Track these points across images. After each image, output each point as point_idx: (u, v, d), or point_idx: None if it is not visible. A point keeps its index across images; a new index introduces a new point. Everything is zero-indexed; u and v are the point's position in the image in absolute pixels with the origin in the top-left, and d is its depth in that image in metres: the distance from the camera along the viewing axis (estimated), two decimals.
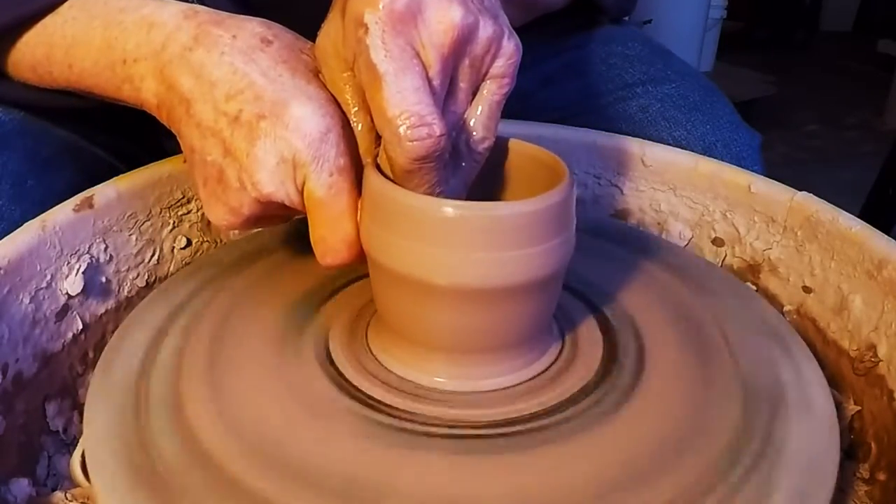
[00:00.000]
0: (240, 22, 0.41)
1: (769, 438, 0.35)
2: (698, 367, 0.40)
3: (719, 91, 0.70)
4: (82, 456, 0.35)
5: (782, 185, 0.52)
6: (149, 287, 0.50)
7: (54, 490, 0.38)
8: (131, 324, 0.42)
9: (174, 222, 0.52)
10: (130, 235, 0.49)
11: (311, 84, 0.38)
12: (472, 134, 0.38)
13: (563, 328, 0.41)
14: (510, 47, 0.37)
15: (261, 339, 0.41)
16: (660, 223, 0.58)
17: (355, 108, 0.38)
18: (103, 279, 0.47)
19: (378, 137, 0.37)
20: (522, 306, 0.36)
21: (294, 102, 0.37)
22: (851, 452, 0.42)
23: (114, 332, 0.43)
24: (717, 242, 0.55)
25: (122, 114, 0.49)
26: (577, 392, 0.37)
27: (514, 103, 0.40)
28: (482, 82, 0.37)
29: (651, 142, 0.58)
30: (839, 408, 0.40)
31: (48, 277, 0.43)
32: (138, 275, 0.50)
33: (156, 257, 0.51)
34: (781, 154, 2.55)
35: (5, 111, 0.54)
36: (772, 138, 2.50)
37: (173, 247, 0.52)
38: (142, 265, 0.50)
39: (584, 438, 0.35)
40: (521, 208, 0.34)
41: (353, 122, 0.38)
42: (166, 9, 0.42)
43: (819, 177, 2.02)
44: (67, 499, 0.37)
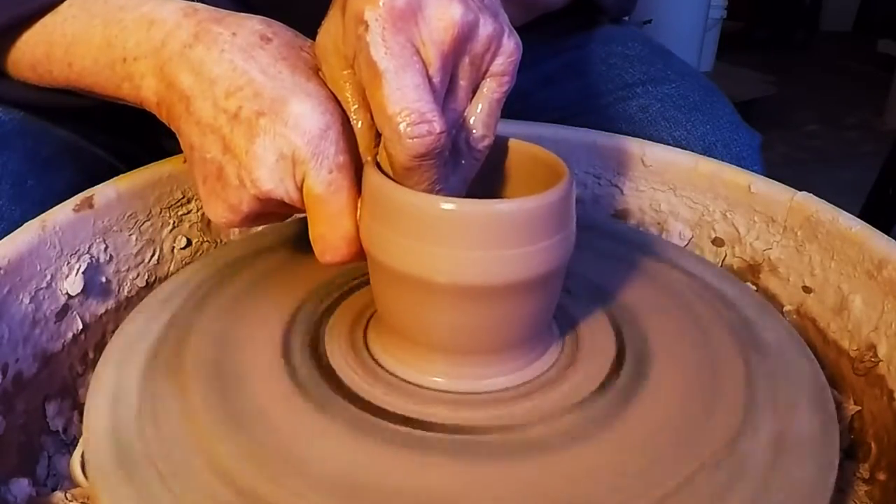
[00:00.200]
0: (240, 19, 0.41)
1: (769, 442, 0.35)
2: (701, 368, 0.40)
3: (719, 91, 0.70)
4: (82, 456, 0.35)
5: (782, 185, 0.52)
6: (149, 287, 0.50)
7: (54, 490, 0.38)
8: (131, 324, 0.42)
9: (174, 222, 0.52)
10: (130, 235, 0.49)
11: (311, 81, 0.38)
12: (472, 132, 0.38)
13: (563, 328, 0.41)
14: (510, 45, 0.37)
15: (261, 340, 0.41)
16: (660, 223, 0.58)
17: (355, 106, 0.38)
18: (103, 279, 0.47)
19: (378, 135, 0.37)
20: (522, 305, 0.36)
21: (293, 99, 0.37)
22: (851, 452, 0.42)
23: (114, 332, 0.43)
24: (717, 242, 0.55)
25: (122, 113, 0.49)
26: (578, 393, 0.37)
27: (514, 103, 0.40)
28: (482, 80, 0.37)
29: (651, 142, 0.58)
30: (839, 408, 0.40)
31: (48, 277, 0.43)
32: (138, 275, 0.50)
33: (156, 257, 0.51)
34: (781, 154, 2.55)
35: (5, 111, 0.54)
36: (772, 138, 2.50)
37: (173, 247, 0.52)
38: (142, 265, 0.50)
39: (584, 440, 0.35)
40: (521, 206, 0.34)
41: (352, 119, 0.38)
42: (166, 7, 0.42)
43: (819, 177, 2.03)
44: (67, 499, 0.37)
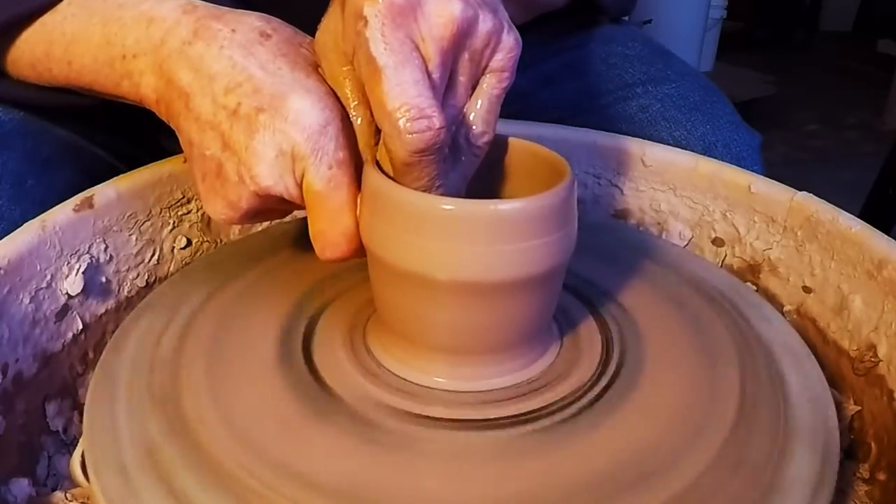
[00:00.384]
0: (239, 16, 0.41)
1: (769, 442, 0.35)
2: (699, 367, 0.40)
3: (719, 91, 0.70)
4: (82, 456, 0.35)
5: (782, 185, 0.52)
6: (149, 287, 0.50)
7: (54, 490, 0.38)
8: (131, 324, 0.42)
9: (174, 222, 0.52)
10: (130, 235, 0.49)
11: (311, 77, 0.38)
12: (472, 128, 0.38)
13: (562, 328, 0.41)
14: (510, 41, 0.36)
15: (260, 340, 0.41)
16: (660, 223, 0.58)
17: (355, 103, 0.38)
18: (103, 279, 0.47)
19: (378, 132, 0.37)
20: (522, 303, 0.36)
21: (293, 95, 0.37)
22: (851, 452, 0.42)
23: (114, 332, 0.43)
24: (717, 242, 0.55)
25: (122, 113, 0.49)
26: (578, 393, 0.37)
27: (514, 103, 0.40)
28: (482, 76, 0.37)
29: (651, 142, 0.58)
30: (839, 408, 0.40)
31: (48, 277, 0.43)
32: (138, 275, 0.50)
33: (156, 257, 0.51)
34: (781, 154, 2.55)
35: (5, 111, 0.54)
36: (772, 138, 2.50)
37: (173, 247, 0.52)
38: (142, 265, 0.50)
39: (584, 439, 0.35)
40: (522, 205, 0.34)
41: (352, 116, 0.38)
42: (165, 4, 0.42)
43: (819, 177, 2.02)
44: (67, 499, 0.37)
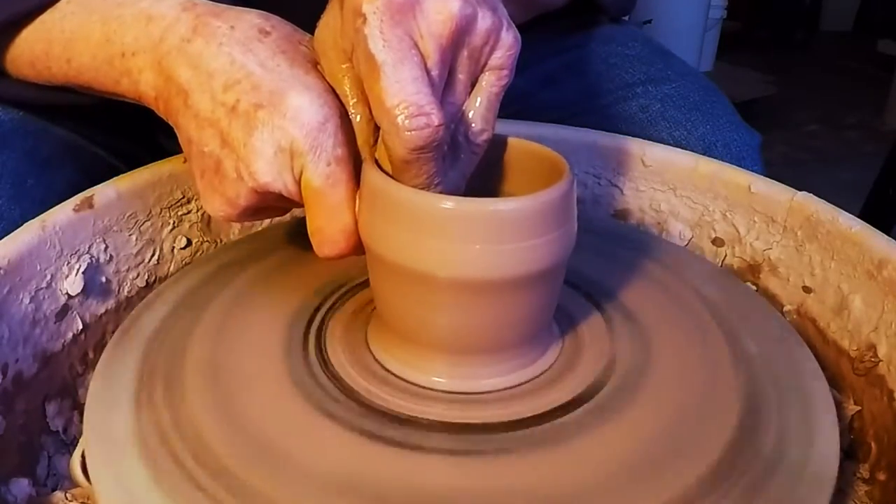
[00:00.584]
0: (238, 13, 0.41)
1: (768, 442, 0.35)
2: (700, 367, 0.40)
3: (719, 91, 0.71)
4: (82, 456, 0.35)
5: (782, 185, 0.52)
6: (149, 287, 0.50)
7: (54, 490, 0.38)
8: (131, 324, 0.42)
9: (174, 222, 0.52)
10: (130, 235, 0.49)
11: (309, 74, 0.38)
12: (471, 126, 0.38)
13: (563, 328, 0.41)
14: (509, 39, 0.36)
15: (261, 340, 0.41)
16: (660, 223, 0.58)
17: (354, 100, 0.38)
18: (103, 279, 0.47)
19: (376, 129, 0.37)
20: (522, 302, 0.36)
21: (292, 92, 0.37)
22: (851, 452, 0.42)
23: (114, 332, 0.43)
24: (717, 242, 0.55)
25: (122, 112, 0.49)
26: (578, 393, 0.37)
27: (514, 103, 0.40)
28: (481, 74, 0.37)
29: (651, 142, 0.58)
30: (839, 408, 0.40)
31: (48, 277, 0.43)
32: (138, 275, 0.50)
33: (156, 257, 0.51)
34: (781, 154, 2.55)
35: (4, 110, 0.54)
36: (772, 138, 2.50)
37: (173, 247, 0.52)
38: (142, 265, 0.50)
39: (584, 439, 0.35)
40: (522, 204, 0.34)
41: (351, 113, 0.38)
42: (165, 1, 0.42)
43: (819, 177, 2.03)
44: (67, 499, 0.36)
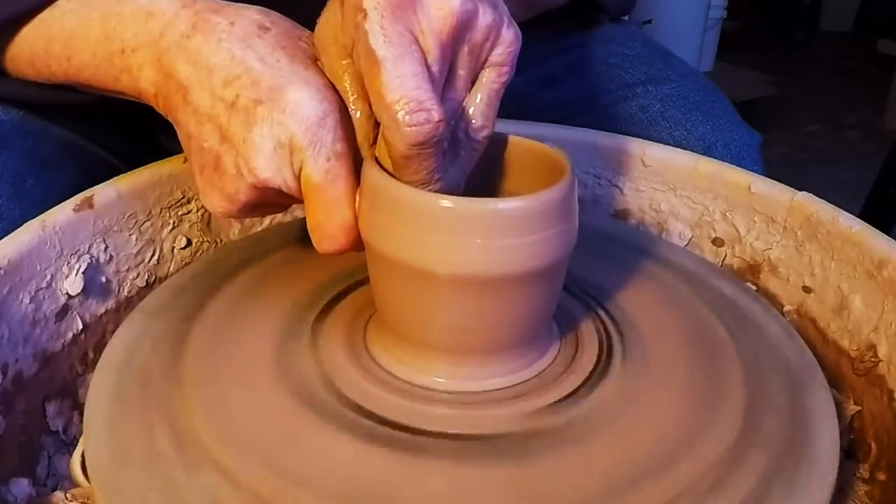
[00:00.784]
0: (238, 9, 0.41)
1: (768, 443, 0.35)
2: (700, 367, 0.40)
3: (719, 91, 0.71)
4: (82, 456, 0.35)
5: (782, 185, 0.52)
6: (149, 287, 0.50)
7: (54, 490, 0.38)
8: (131, 324, 0.42)
9: (174, 222, 0.52)
10: (130, 235, 0.49)
11: (309, 70, 0.38)
12: (471, 122, 0.38)
13: (563, 328, 0.41)
14: (510, 35, 0.36)
15: (261, 341, 0.41)
16: (660, 223, 0.58)
17: (354, 96, 0.38)
18: (103, 279, 0.47)
19: (376, 125, 0.37)
20: (522, 299, 0.36)
21: (291, 87, 0.37)
22: (851, 452, 0.42)
23: (114, 332, 0.43)
24: (717, 242, 0.55)
25: (122, 111, 0.49)
26: (578, 393, 0.37)
27: (514, 103, 0.40)
28: (481, 70, 0.37)
29: (651, 142, 0.58)
30: (839, 408, 0.40)
31: (48, 277, 0.43)
32: (138, 275, 0.50)
33: (156, 257, 0.51)
34: (781, 154, 2.55)
35: (4, 110, 0.54)
36: (772, 138, 2.49)
37: (173, 247, 0.52)
38: (142, 265, 0.50)
39: (584, 439, 0.35)
40: (522, 203, 0.34)
41: (351, 109, 0.38)
42: None
43: (819, 177, 2.03)
44: (67, 499, 0.36)
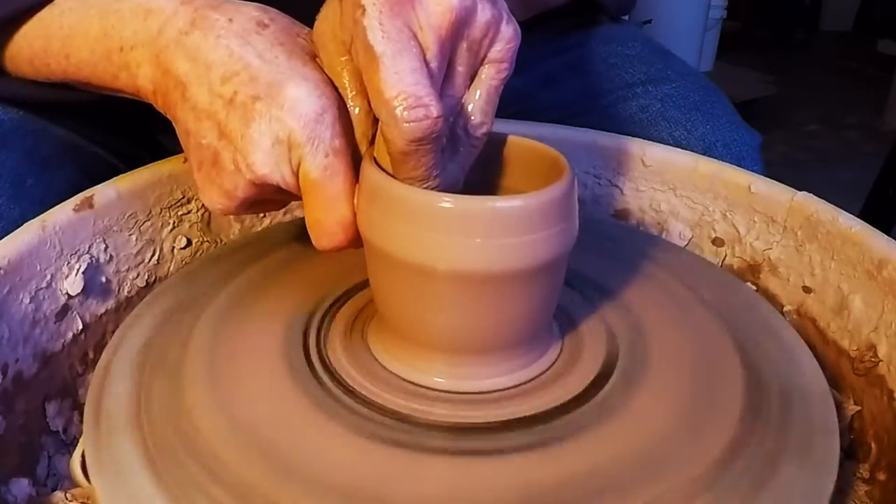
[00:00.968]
0: (237, 6, 0.41)
1: (769, 442, 0.35)
2: (700, 367, 0.40)
3: (719, 91, 0.71)
4: (82, 456, 0.35)
5: (782, 185, 0.52)
6: (149, 287, 0.50)
7: (54, 490, 0.38)
8: (131, 324, 0.42)
9: (174, 222, 0.52)
10: (130, 235, 0.49)
11: (307, 66, 0.38)
12: (470, 119, 0.37)
13: (563, 328, 0.41)
14: (509, 31, 0.36)
15: (261, 341, 0.41)
16: (660, 223, 0.58)
17: (353, 92, 0.38)
18: (103, 279, 0.47)
19: (375, 121, 0.37)
20: (522, 297, 0.36)
21: (289, 83, 0.37)
22: (851, 452, 0.42)
23: (114, 332, 0.43)
24: (717, 242, 0.55)
25: (121, 111, 0.49)
26: (578, 393, 0.37)
27: (514, 103, 0.40)
28: (480, 67, 0.37)
29: (651, 142, 0.58)
30: (839, 408, 0.40)
31: (48, 277, 0.43)
32: (138, 275, 0.50)
33: (156, 257, 0.51)
34: (781, 154, 2.55)
35: (4, 110, 0.54)
36: (772, 138, 2.49)
37: (173, 247, 0.52)
38: (142, 265, 0.50)
39: (584, 439, 0.35)
40: (522, 202, 0.34)
41: (350, 106, 0.38)
42: None
43: (819, 177, 2.03)
44: (67, 499, 0.36)
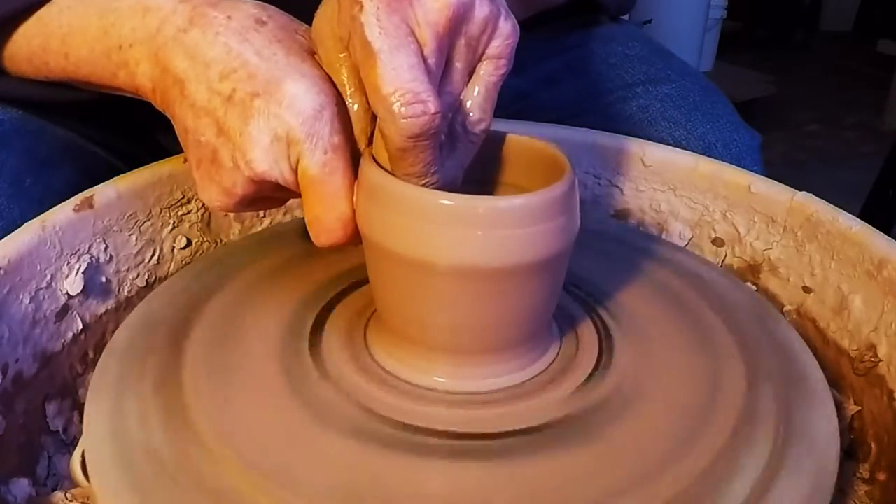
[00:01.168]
0: (235, 3, 0.41)
1: (768, 443, 0.35)
2: (700, 367, 0.40)
3: (719, 91, 0.70)
4: (82, 456, 0.35)
5: (782, 185, 0.52)
6: (149, 287, 0.50)
7: (54, 490, 0.38)
8: (131, 324, 0.42)
9: (174, 222, 0.52)
10: (130, 235, 0.49)
11: (306, 63, 0.38)
12: (469, 115, 0.37)
13: (563, 328, 0.41)
14: (507, 28, 0.36)
15: (260, 341, 0.41)
16: (660, 223, 0.58)
17: (351, 89, 0.38)
18: (103, 279, 0.47)
19: (374, 118, 0.37)
20: (522, 294, 0.36)
21: (288, 80, 0.37)
22: (851, 452, 0.42)
23: (114, 332, 0.43)
24: (717, 242, 0.55)
25: (121, 110, 0.49)
26: (578, 393, 0.37)
27: (514, 103, 0.39)
28: (479, 63, 0.37)
29: (651, 142, 0.58)
30: (839, 408, 0.40)
31: (48, 277, 0.43)
32: (138, 275, 0.50)
33: (156, 257, 0.51)
34: (781, 154, 2.55)
35: (3, 110, 0.54)
36: (772, 138, 2.49)
37: (173, 247, 0.52)
38: (142, 265, 0.50)
39: (583, 440, 0.35)
40: (522, 201, 0.34)
41: (348, 102, 0.38)
42: None
43: (819, 177, 2.02)
44: (67, 499, 0.36)
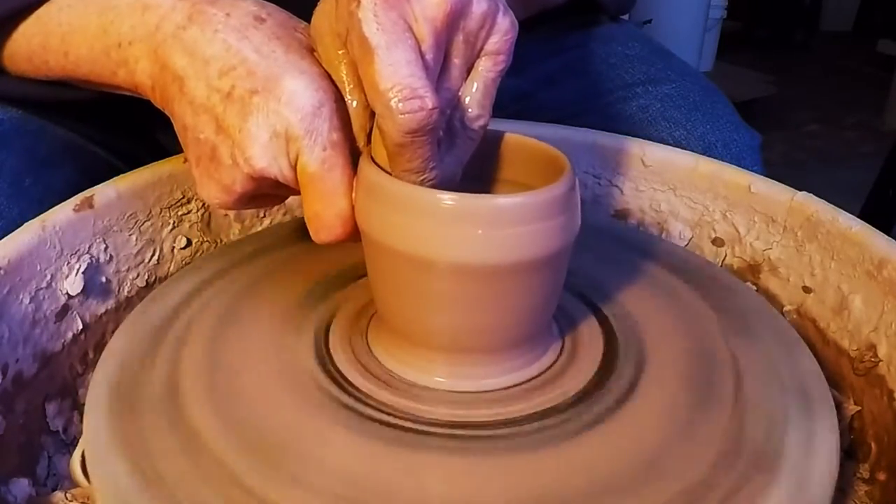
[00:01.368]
0: (234, 1, 0.41)
1: (762, 447, 0.35)
2: (699, 367, 0.40)
3: (719, 91, 0.70)
4: (82, 456, 0.35)
5: (782, 185, 0.52)
6: (149, 287, 0.50)
7: (54, 490, 0.38)
8: (131, 324, 0.42)
9: (174, 222, 0.52)
10: (130, 235, 0.49)
11: (305, 60, 0.38)
12: (467, 111, 0.37)
13: (563, 328, 0.41)
14: (505, 23, 0.36)
15: (260, 340, 0.41)
16: (660, 223, 0.58)
17: (350, 86, 0.38)
18: (103, 279, 0.47)
19: (373, 115, 0.37)
20: (522, 292, 0.36)
21: (287, 77, 0.37)
22: (851, 452, 0.42)
23: (114, 332, 0.43)
24: (717, 242, 0.55)
25: (120, 109, 0.48)
26: (577, 393, 0.37)
27: (514, 103, 0.39)
28: (477, 59, 0.37)
29: (651, 142, 0.58)
30: (839, 408, 0.40)
31: (48, 277, 0.43)
32: (138, 275, 0.50)
33: (156, 257, 0.51)
34: (781, 154, 2.55)
35: (3, 109, 0.54)
36: (772, 138, 2.49)
37: (173, 247, 0.52)
38: (142, 265, 0.50)
39: (582, 440, 0.35)
40: (522, 200, 0.34)
41: (347, 99, 0.38)
42: None
43: (819, 177, 2.02)
44: (67, 499, 0.36)
